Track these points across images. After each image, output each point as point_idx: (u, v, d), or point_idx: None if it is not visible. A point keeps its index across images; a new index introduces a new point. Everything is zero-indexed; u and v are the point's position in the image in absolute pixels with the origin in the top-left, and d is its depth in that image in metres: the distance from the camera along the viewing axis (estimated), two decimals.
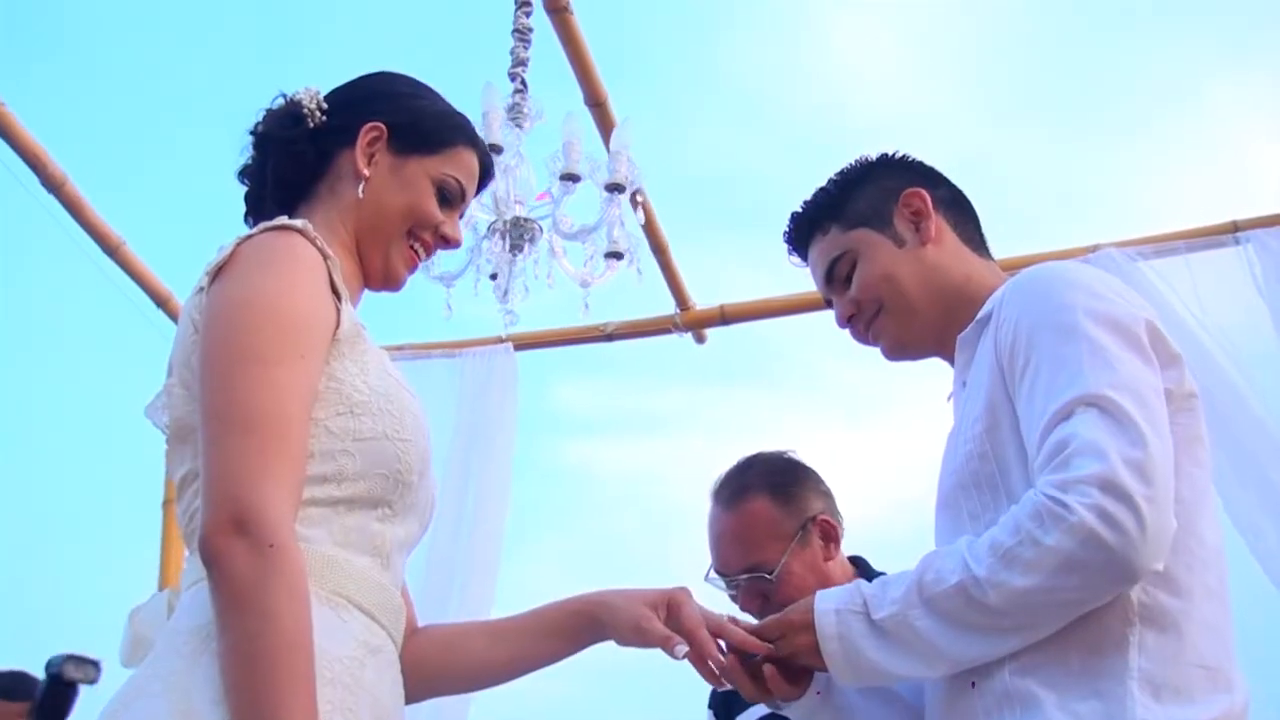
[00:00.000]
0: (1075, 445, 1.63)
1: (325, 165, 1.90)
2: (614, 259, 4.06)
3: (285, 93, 1.94)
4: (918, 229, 2.08)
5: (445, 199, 1.94)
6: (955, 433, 1.95)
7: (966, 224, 2.15)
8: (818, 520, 2.72)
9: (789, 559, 2.64)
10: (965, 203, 2.18)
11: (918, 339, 2.09)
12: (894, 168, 2.18)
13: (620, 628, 1.90)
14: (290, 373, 1.58)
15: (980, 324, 1.94)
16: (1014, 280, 1.92)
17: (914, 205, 2.10)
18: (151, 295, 4.69)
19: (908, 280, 2.05)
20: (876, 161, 2.19)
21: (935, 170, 2.20)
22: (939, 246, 2.08)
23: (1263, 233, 4.22)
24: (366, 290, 1.94)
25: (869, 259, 2.08)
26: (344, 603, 1.62)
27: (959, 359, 2.00)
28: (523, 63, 4.20)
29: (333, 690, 1.54)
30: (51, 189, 4.22)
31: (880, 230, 2.09)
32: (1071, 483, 1.61)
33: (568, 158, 4.02)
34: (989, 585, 1.65)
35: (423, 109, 1.95)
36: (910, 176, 2.15)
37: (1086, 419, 1.65)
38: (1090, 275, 1.87)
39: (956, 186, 2.19)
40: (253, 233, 1.71)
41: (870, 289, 2.07)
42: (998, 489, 1.80)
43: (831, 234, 2.13)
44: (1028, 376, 1.76)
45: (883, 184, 2.13)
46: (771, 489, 2.72)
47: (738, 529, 2.69)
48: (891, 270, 2.06)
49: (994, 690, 1.72)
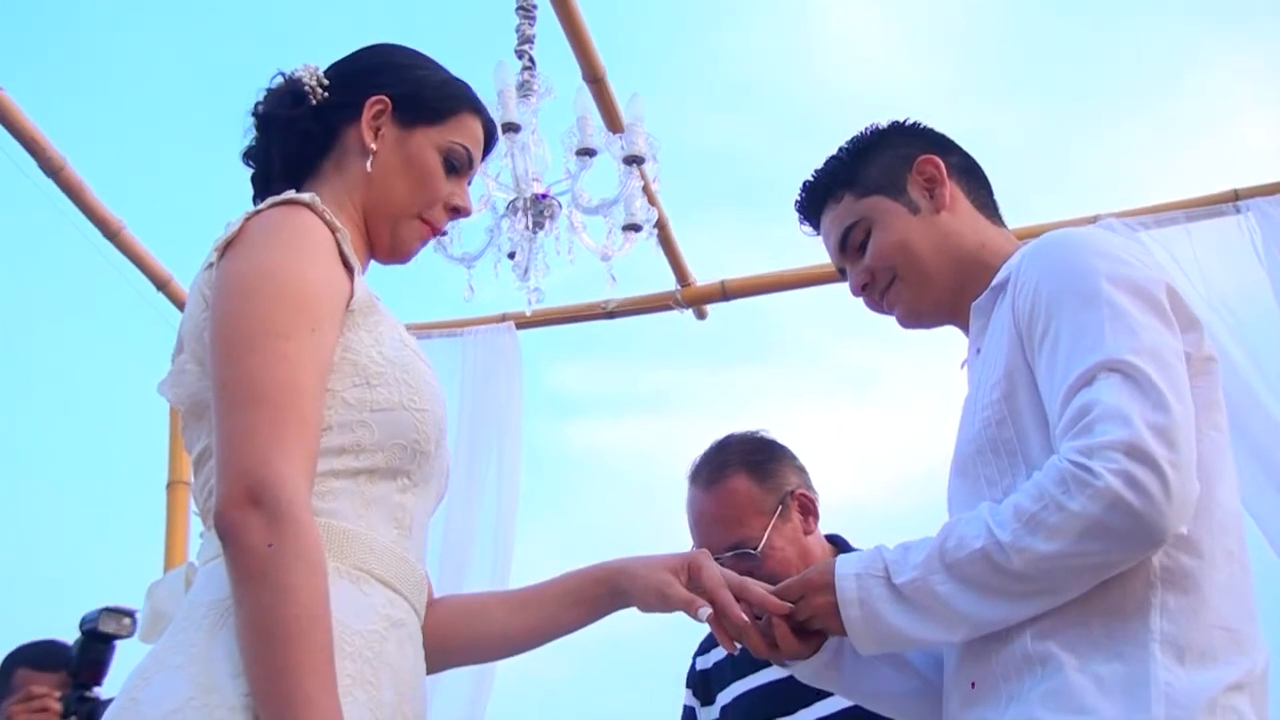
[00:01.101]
0: (1098, 411, 1.63)
1: (331, 141, 1.89)
2: (632, 231, 4.06)
3: (284, 71, 1.93)
4: (931, 196, 2.08)
5: (453, 167, 1.93)
6: (971, 399, 1.95)
7: (980, 191, 2.15)
8: (796, 494, 2.74)
9: (771, 534, 2.66)
10: (978, 170, 2.18)
11: (932, 307, 2.09)
12: (907, 135, 2.17)
13: (643, 593, 1.90)
14: (301, 345, 1.58)
15: (995, 290, 1.94)
16: (1032, 246, 1.92)
17: (928, 172, 2.09)
18: (152, 278, 4.69)
19: (922, 247, 2.05)
20: (889, 129, 2.19)
21: (948, 137, 2.20)
22: (953, 213, 2.08)
23: (1263, 201, 4.22)
24: (374, 263, 1.94)
25: (883, 226, 2.07)
26: (365, 576, 1.62)
27: (974, 326, 2.00)
28: (529, 39, 4.19)
29: (353, 664, 1.54)
30: (50, 174, 4.21)
31: (894, 197, 2.08)
32: (1096, 448, 1.61)
33: (583, 133, 4.03)
34: (1013, 550, 1.65)
35: (424, 79, 1.94)
36: (923, 143, 2.15)
37: (1109, 384, 1.65)
38: (1110, 240, 1.87)
39: (969, 154, 2.19)
40: (261, 208, 1.71)
41: (885, 257, 2.07)
42: (1015, 455, 1.80)
43: (845, 202, 2.12)
44: (1048, 342, 1.76)
45: (896, 151, 2.13)
46: (749, 467, 2.74)
47: (719, 508, 2.71)
48: (906, 237, 2.05)
49: (1014, 654, 1.73)
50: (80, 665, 2.89)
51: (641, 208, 4.06)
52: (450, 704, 4.36)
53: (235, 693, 1.45)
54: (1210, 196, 4.33)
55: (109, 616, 2.82)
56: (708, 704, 2.85)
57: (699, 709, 2.88)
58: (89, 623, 2.85)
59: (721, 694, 2.80)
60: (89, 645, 2.87)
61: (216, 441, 1.56)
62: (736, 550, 2.63)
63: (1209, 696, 1.61)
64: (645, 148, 4.01)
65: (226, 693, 1.45)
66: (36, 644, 3.34)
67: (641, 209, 4.06)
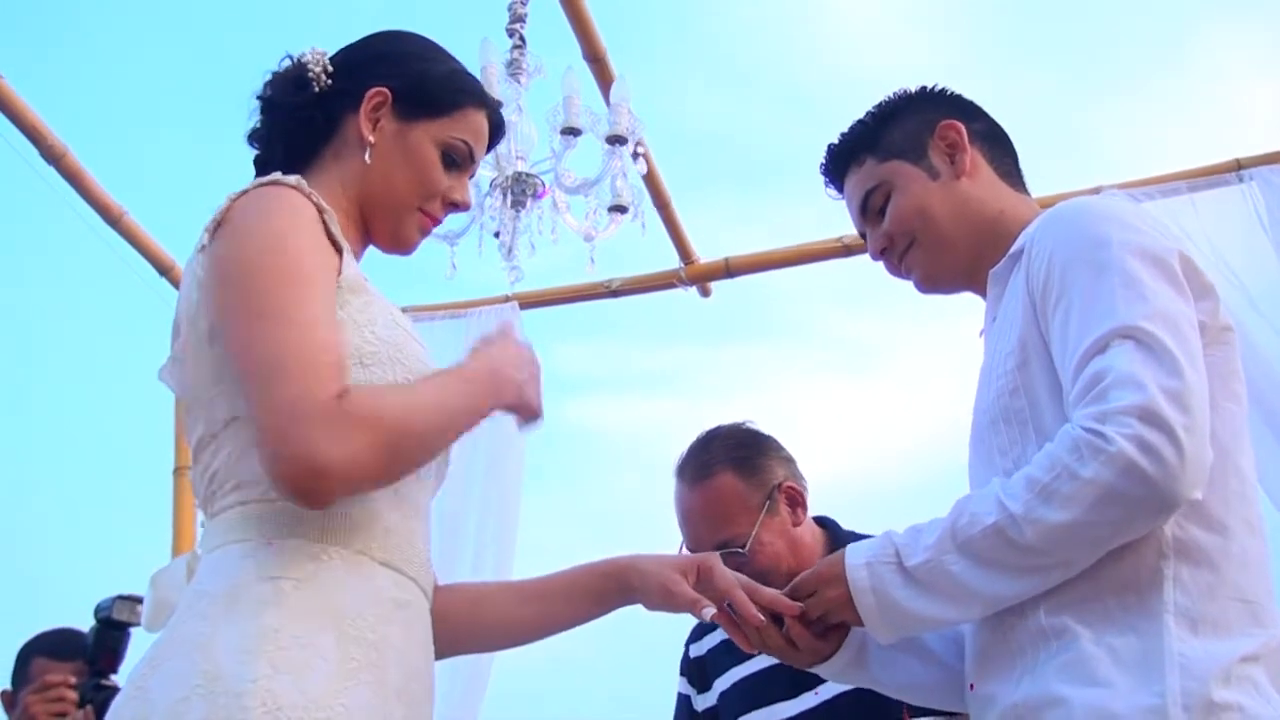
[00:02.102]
0: (1112, 377, 1.63)
1: (331, 130, 1.89)
2: (617, 212, 4.06)
3: (291, 54, 1.92)
4: (953, 161, 2.08)
5: (453, 162, 1.92)
6: (987, 369, 1.94)
7: (1004, 158, 2.14)
8: (783, 487, 2.74)
9: (759, 530, 2.66)
10: (1003, 136, 2.18)
11: (949, 272, 2.09)
12: (931, 100, 2.17)
13: (649, 591, 1.91)
14: (304, 300, 1.57)
15: (1013, 258, 1.93)
16: (1047, 214, 1.91)
17: (949, 137, 2.09)
18: (155, 264, 4.69)
19: (941, 212, 2.05)
20: (915, 94, 2.19)
21: (973, 103, 2.19)
22: (973, 180, 2.07)
23: (1267, 170, 4.21)
24: (378, 250, 1.94)
25: (903, 190, 2.07)
26: (367, 560, 1.62)
27: (991, 293, 1.99)
28: (520, 19, 4.18)
29: (358, 648, 1.55)
30: (51, 161, 4.21)
31: (915, 162, 2.08)
32: (1110, 414, 1.60)
33: (568, 112, 4.01)
34: (1025, 522, 1.65)
35: (427, 71, 1.92)
36: (947, 109, 2.14)
37: (1122, 351, 1.64)
38: (1124, 207, 1.86)
39: (994, 120, 2.18)
40: (246, 189, 1.70)
41: (903, 221, 2.07)
42: (1026, 424, 1.80)
43: (866, 165, 2.13)
44: (1060, 310, 1.75)
45: (920, 116, 2.13)
46: (735, 463, 2.74)
47: (705, 507, 2.71)
48: (925, 202, 2.05)
49: (1029, 628, 1.73)
50: (96, 653, 2.89)
51: (625, 188, 4.05)
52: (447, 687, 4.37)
53: (240, 679, 1.45)
54: (1213, 166, 4.32)
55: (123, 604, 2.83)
56: (704, 691, 2.85)
57: (694, 696, 2.88)
58: (103, 610, 2.85)
59: (719, 680, 2.80)
60: (104, 633, 2.87)
61: (254, 423, 1.55)
62: (724, 548, 2.62)
63: (1223, 666, 1.60)
64: (628, 127, 3.99)
65: (231, 679, 1.45)
66: (51, 632, 3.34)
67: (625, 190, 4.05)
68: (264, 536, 1.59)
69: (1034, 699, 1.69)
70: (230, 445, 1.64)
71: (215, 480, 1.65)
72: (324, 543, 1.59)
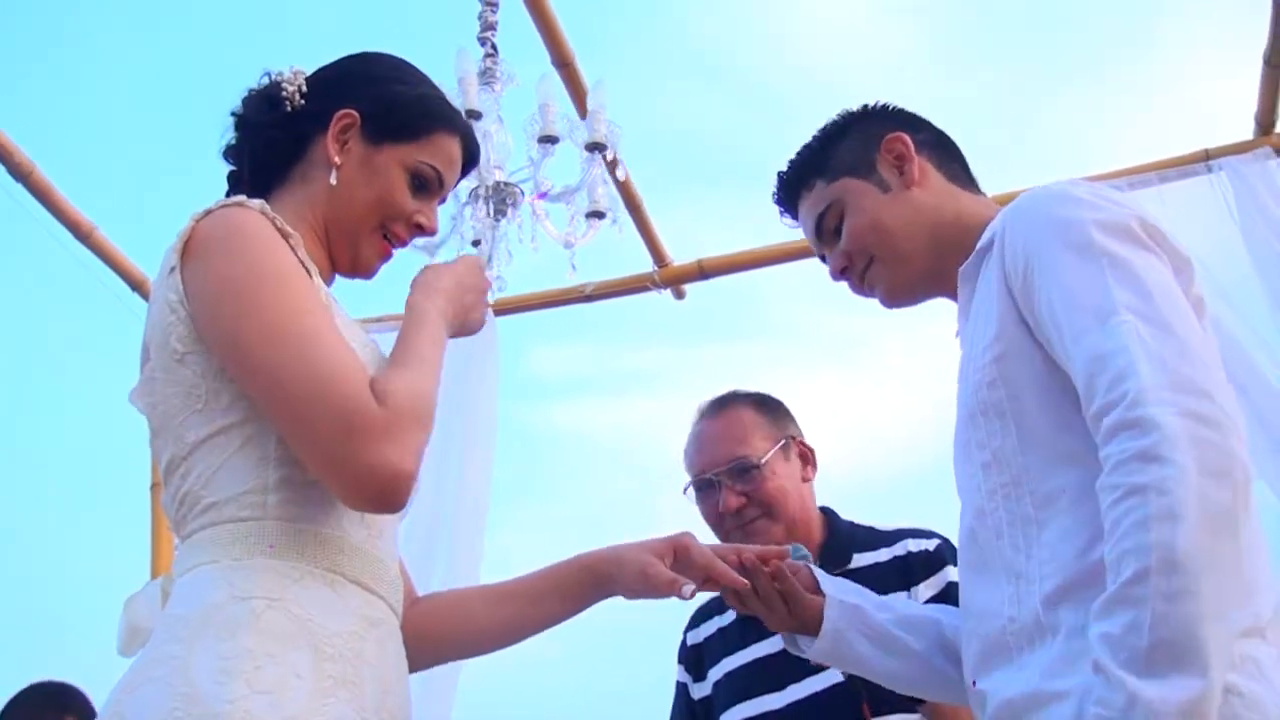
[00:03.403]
0: (1123, 363, 1.58)
1: (300, 151, 1.88)
2: (595, 218, 4.04)
3: (270, 71, 1.92)
4: (901, 172, 2.08)
5: (421, 186, 1.91)
6: (965, 365, 1.93)
7: (952, 163, 2.15)
8: (798, 440, 2.82)
9: (772, 459, 2.73)
10: (949, 142, 2.18)
11: (912, 283, 2.09)
12: (874, 116, 2.18)
13: (626, 579, 1.93)
14: (305, 313, 1.59)
15: (981, 253, 1.93)
16: (1013, 205, 1.90)
17: (896, 150, 2.09)
18: (126, 280, 4.67)
19: (895, 224, 2.04)
20: (857, 113, 2.19)
21: (916, 115, 2.20)
22: (924, 188, 2.07)
23: (1234, 160, 4.23)
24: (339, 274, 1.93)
25: (855, 207, 2.07)
26: (339, 579, 1.62)
27: (962, 292, 1.98)
28: (491, 26, 4.15)
29: (334, 665, 1.55)
30: (19, 178, 4.18)
31: (864, 178, 2.08)
32: (1135, 401, 1.54)
33: (544, 119, 4.00)
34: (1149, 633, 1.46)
35: (397, 94, 1.90)
36: (891, 122, 2.15)
37: (1123, 332, 1.60)
38: (1089, 187, 1.85)
39: (939, 128, 2.19)
40: (210, 209, 1.69)
41: (860, 237, 2.07)
42: (1006, 416, 1.78)
43: (816, 188, 2.13)
44: (1044, 298, 1.73)
45: (864, 133, 2.13)
46: (755, 403, 2.84)
47: (723, 428, 2.79)
48: (878, 216, 2.05)
49: (1027, 625, 1.71)
50: None
51: (604, 195, 4.04)
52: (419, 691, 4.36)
53: (218, 700, 1.45)
54: (1182, 157, 4.33)
55: None
56: (700, 680, 2.85)
57: (691, 684, 2.88)
58: None
59: (713, 669, 2.81)
60: None
61: (293, 444, 1.58)
62: (738, 463, 2.70)
63: None
64: (607, 134, 3.97)
65: (209, 701, 1.45)
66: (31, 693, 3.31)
67: (604, 196, 4.05)
68: (235, 557, 1.59)
69: (1035, 693, 1.68)
70: (200, 467, 1.63)
71: (186, 503, 1.65)
72: (296, 561, 1.59)
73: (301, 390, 1.53)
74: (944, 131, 2.19)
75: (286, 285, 1.61)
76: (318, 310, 1.61)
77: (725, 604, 2.82)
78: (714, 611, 2.87)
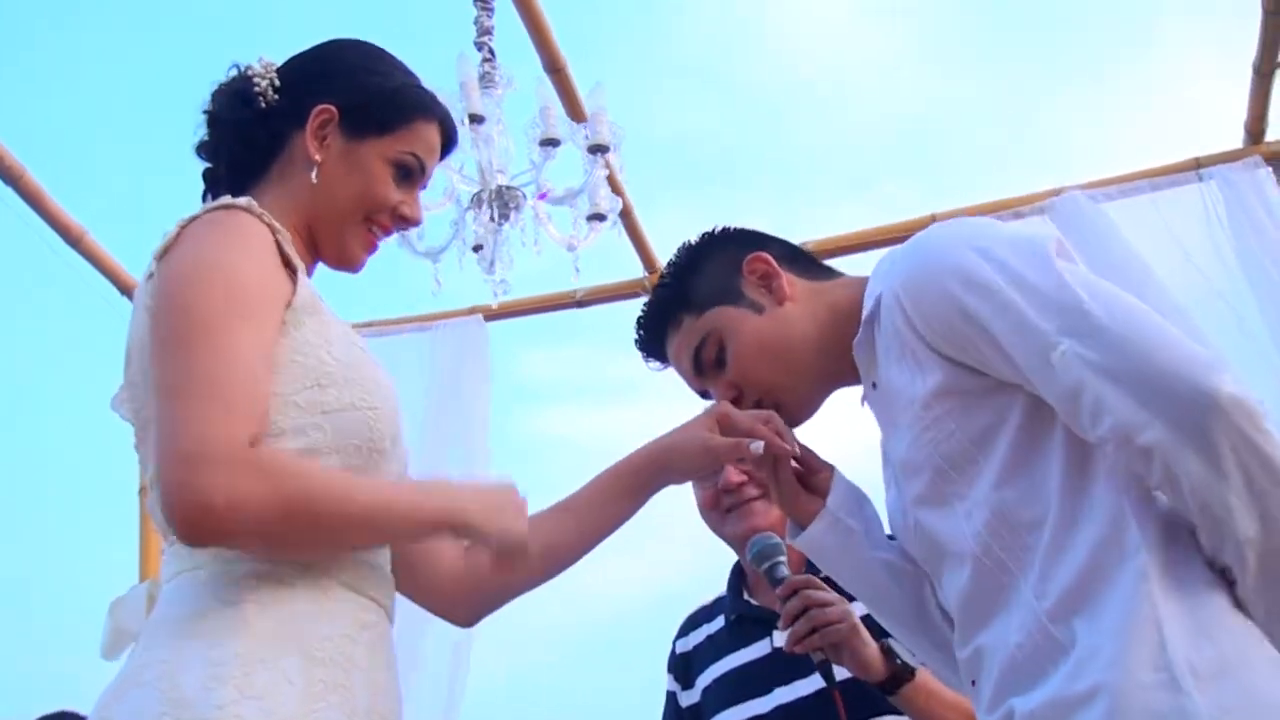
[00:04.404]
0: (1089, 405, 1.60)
1: (278, 147, 1.86)
2: (597, 220, 4.04)
3: (238, 64, 1.89)
4: (770, 290, 2.05)
5: (404, 175, 1.90)
6: (897, 432, 1.90)
7: (806, 265, 2.12)
8: None
9: None
10: (797, 249, 2.16)
11: (814, 397, 2.07)
12: (722, 242, 2.15)
13: (687, 456, 1.99)
14: (238, 336, 1.55)
15: (869, 322, 1.91)
16: (888, 265, 1.89)
17: (759, 269, 2.06)
18: (117, 284, 4.67)
19: (780, 345, 2.02)
20: (701, 243, 2.16)
21: (760, 232, 2.16)
22: (795, 301, 2.04)
23: (1225, 168, 4.25)
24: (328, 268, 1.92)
25: (736, 334, 2.03)
26: (330, 582, 1.62)
27: (861, 364, 1.95)
28: (488, 31, 4.15)
29: (324, 669, 1.54)
30: (10, 182, 4.18)
31: (735, 304, 2.04)
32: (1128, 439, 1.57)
33: (545, 123, 4.00)
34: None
35: (376, 86, 1.89)
36: (743, 244, 2.11)
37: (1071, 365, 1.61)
38: (969, 223, 1.87)
39: (783, 239, 2.16)
40: (197, 214, 1.68)
41: (750, 367, 2.03)
42: (974, 461, 1.76)
43: (685, 324, 2.08)
44: (989, 345, 1.71)
45: (718, 260, 2.10)
46: None
47: None
48: (762, 340, 2.02)
49: (1038, 644, 1.67)
50: None
51: (606, 197, 4.04)
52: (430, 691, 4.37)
53: (207, 705, 1.44)
54: (1173, 165, 4.36)
55: None
56: (688, 687, 2.86)
57: (680, 692, 2.88)
58: None
59: (700, 677, 2.81)
60: None
61: (157, 440, 1.53)
62: None
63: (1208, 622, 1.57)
64: (609, 136, 3.98)
65: (198, 706, 1.44)
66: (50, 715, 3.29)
67: (606, 198, 4.04)
68: (223, 561, 1.58)
69: (1056, 699, 1.64)
70: None
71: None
72: (285, 566, 1.58)
73: (178, 395, 1.50)
74: (787, 241, 2.17)
75: (229, 298, 1.58)
76: (248, 331, 1.57)
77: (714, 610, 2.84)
78: (703, 620, 2.89)
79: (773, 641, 2.66)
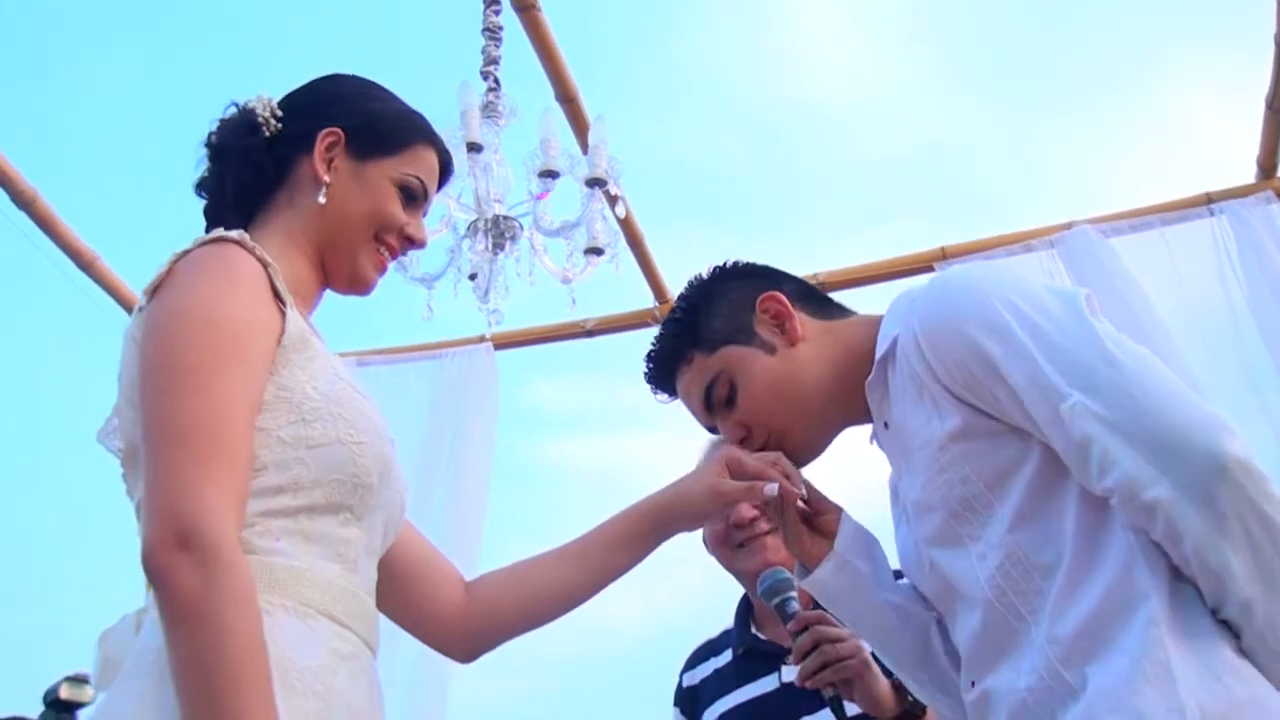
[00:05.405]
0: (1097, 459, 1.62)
1: (284, 173, 1.88)
2: (594, 254, 4.03)
3: (237, 101, 1.92)
4: (783, 330, 2.03)
5: (409, 198, 1.92)
6: (909, 473, 1.90)
7: (819, 304, 2.10)
8: None
9: None
10: (809, 287, 2.15)
11: (823, 438, 2.06)
12: (734, 278, 2.13)
13: (695, 502, 2.00)
14: (227, 381, 1.56)
15: (883, 362, 1.90)
16: (905, 304, 1.90)
17: (772, 309, 2.04)
18: (127, 308, 4.66)
19: (792, 387, 2.00)
20: (714, 278, 2.14)
21: (773, 268, 2.15)
22: (808, 340, 2.03)
23: (1235, 203, 4.25)
24: (336, 293, 1.93)
25: (746, 374, 2.01)
26: (311, 612, 1.61)
27: (873, 404, 1.95)
28: (494, 61, 4.16)
29: (304, 700, 1.53)
30: (23, 206, 4.20)
31: (746, 343, 2.03)
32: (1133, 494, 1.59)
33: (546, 154, 4.00)
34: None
35: (378, 111, 1.93)
36: (757, 281, 2.09)
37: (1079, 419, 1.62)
38: (985, 268, 1.86)
39: (797, 277, 2.15)
40: (189, 248, 1.69)
41: (760, 409, 2.01)
42: (990, 505, 1.76)
43: (696, 361, 2.06)
44: (1006, 384, 1.71)
45: (730, 298, 2.08)
46: None
47: None
48: (773, 379, 2.00)
49: (1051, 688, 1.67)
50: None
51: (603, 231, 4.03)
52: None
53: None
54: (1183, 200, 4.36)
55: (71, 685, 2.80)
56: None
57: None
58: (51, 694, 2.83)
59: (708, 711, 2.79)
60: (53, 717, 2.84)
61: (145, 480, 1.54)
62: None
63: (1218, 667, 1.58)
64: (607, 170, 3.96)
65: None
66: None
67: (603, 232, 4.03)
68: None
69: None
70: None
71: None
72: (267, 594, 1.56)
73: (181, 442, 1.51)
74: (799, 278, 2.15)
75: (215, 340, 1.58)
76: (243, 374, 1.59)
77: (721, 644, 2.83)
78: (710, 654, 2.87)
79: (781, 676, 2.65)
